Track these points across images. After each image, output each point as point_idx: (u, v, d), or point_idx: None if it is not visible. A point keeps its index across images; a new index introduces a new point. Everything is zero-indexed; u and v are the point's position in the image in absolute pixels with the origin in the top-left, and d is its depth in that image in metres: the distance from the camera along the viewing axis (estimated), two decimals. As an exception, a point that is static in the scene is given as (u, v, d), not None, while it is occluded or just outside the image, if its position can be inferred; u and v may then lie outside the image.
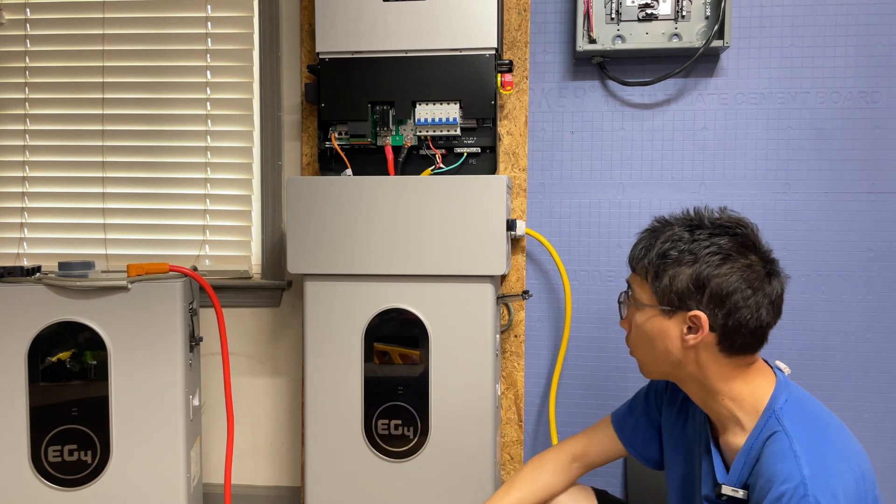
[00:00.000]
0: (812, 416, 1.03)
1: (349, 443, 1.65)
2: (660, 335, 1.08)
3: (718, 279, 1.02)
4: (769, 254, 1.08)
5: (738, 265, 1.03)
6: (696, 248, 1.04)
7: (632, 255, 1.13)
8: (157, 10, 1.97)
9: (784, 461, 0.96)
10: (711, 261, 1.03)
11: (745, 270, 1.03)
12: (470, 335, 1.60)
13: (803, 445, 0.97)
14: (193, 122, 1.99)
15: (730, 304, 1.02)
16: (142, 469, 1.63)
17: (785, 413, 1.02)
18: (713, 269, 1.03)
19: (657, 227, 1.12)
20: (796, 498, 0.93)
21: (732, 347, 1.05)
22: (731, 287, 1.02)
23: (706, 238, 1.05)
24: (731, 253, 1.04)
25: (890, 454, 1.80)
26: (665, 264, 1.06)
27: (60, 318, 1.60)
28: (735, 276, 1.02)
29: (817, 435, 1.00)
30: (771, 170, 1.80)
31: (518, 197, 1.86)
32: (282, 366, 2.02)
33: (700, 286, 1.03)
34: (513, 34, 1.84)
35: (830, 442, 0.99)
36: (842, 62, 1.78)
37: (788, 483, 0.94)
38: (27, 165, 2.04)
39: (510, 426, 1.90)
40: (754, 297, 1.03)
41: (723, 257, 1.03)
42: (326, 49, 1.69)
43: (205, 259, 2.01)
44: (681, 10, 1.74)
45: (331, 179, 1.61)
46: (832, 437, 1.00)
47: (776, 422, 1.01)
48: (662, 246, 1.07)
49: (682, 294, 1.05)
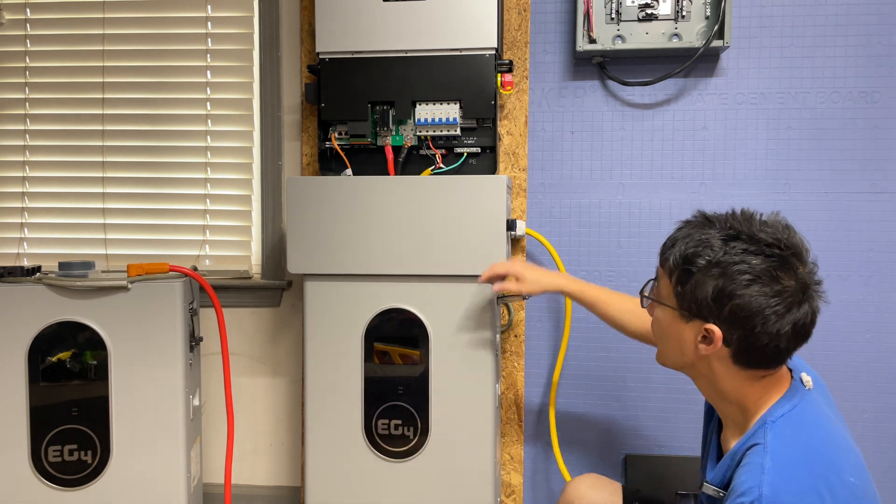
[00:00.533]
0: (803, 436, 0.98)
1: (349, 443, 1.65)
2: (675, 336, 1.06)
3: (741, 300, 0.96)
4: (809, 276, 0.99)
5: (767, 289, 0.96)
6: (726, 261, 0.97)
7: (662, 247, 1.08)
8: (157, 10, 1.97)
9: (750, 473, 0.94)
10: (739, 280, 0.96)
11: (773, 297, 0.96)
12: (470, 335, 1.60)
13: (774, 463, 0.94)
14: (193, 122, 1.99)
15: (748, 326, 0.96)
16: (142, 469, 1.63)
17: (775, 426, 0.98)
18: (739, 289, 0.96)
19: (695, 223, 1.05)
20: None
21: (748, 363, 1.01)
22: (752, 310, 0.96)
23: (739, 254, 0.97)
24: (761, 276, 0.96)
25: (890, 454, 1.80)
26: (690, 270, 1.00)
27: (60, 318, 1.60)
28: (760, 300, 0.95)
29: (797, 457, 0.95)
30: (771, 170, 1.80)
31: (518, 197, 1.86)
32: (282, 366, 2.02)
33: (721, 302, 0.97)
34: (513, 34, 1.84)
35: (807, 469, 0.93)
36: (842, 62, 1.78)
37: (746, 497, 0.92)
38: (27, 165, 2.04)
39: (510, 426, 1.90)
40: (777, 324, 0.96)
41: (751, 278, 0.96)
42: (326, 49, 1.69)
43: (205, 259, 2.01)
44: (681, 10, 1.74)
45: (331, 179, 1.61)
46: (813, 464, 0.94)
47: (763, 434, 0.98)
48: (693, 249, 1.01)
49: (701, 304, 0.99)
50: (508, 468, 1.90)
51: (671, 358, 1.11)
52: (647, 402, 1.86)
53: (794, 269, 0.97)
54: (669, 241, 1.06)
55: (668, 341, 1.08)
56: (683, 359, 1.07)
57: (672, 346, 1.08)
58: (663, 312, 1.08)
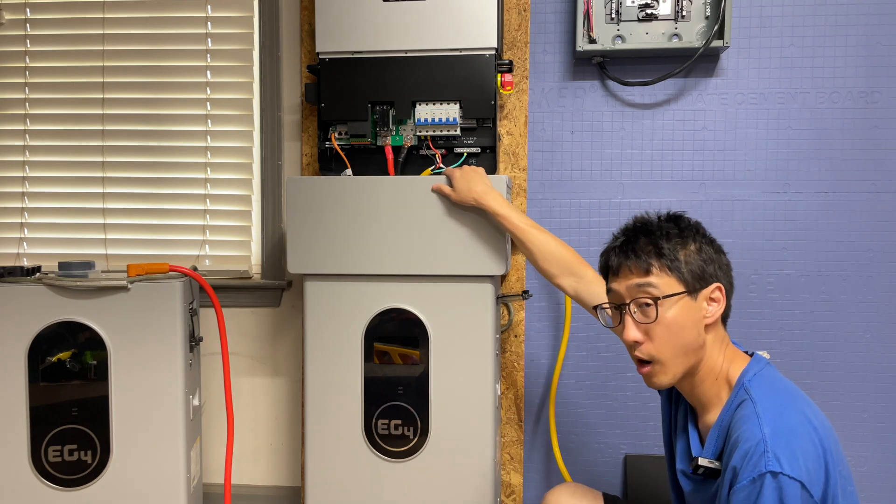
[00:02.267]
0: (778, 387, 1.08)
1: (349, 443, 1.65)
2: (690, 321, 1.08)
3: (710, 248, 1.11)
4: None
5: (717, 244, 1.14)
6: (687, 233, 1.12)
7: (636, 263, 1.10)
8: (157, 10, 1.97)
9: (748, 423, 1.01)
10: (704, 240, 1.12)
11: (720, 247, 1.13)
12: (470, 335, 1.60)
13: (765, 408, 1.01)
14: (193, 122, 1.99)
15: (728, 273, 1.12)
16: (142, 469, 1.63)
17: (752, 382, 1.07)
18: (704, 239, 1.12)
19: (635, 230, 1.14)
20: (756, 455, 0.96)
21: (725, 314, 1.12)
22: (725, 260, 1.13)
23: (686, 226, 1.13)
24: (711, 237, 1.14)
25: (890, 454, 1.80)
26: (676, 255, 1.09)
27: (60, 318, 1.60)
28: (722, 252, 1.13)
29: (781, 401, 1.04)
30: (771, 170, 1.80)
31: (518, 197, 1.86)
32: (282, 366, 2.02)
33: (711, 260, 1.10)
34: (513, 34, 1.84)
35: (794, 408, 1.03)
36: (842, 62, 1.78)
37: (750, 441, 0.98)
38: (27, 165, 2.04)
39: (510, 426, 1.90)
40: (726, 257, 1.13)
41: (709, 239, 1.13)
42: (326, 49, 1.69)
43: (205, 259, 2.01)
44: (681, 10, 1.74)
45: (331, 179, 1.61)
46: (797, 404, 1.04)
47: (744, 392, 1.06)
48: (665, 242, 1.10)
49: (702, 268, 1.09)
50: (508, 468, 1.90)
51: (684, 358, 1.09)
52: (647, 402, 1.86)
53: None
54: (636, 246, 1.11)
55: (684, 335, 1.08)
56: (698, 343, 1.09)
57: (688, 336, 1.08)
58: (670, 307, 1.07)
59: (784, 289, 1.81)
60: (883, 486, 1.81)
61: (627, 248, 1.11)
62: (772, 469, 0.94)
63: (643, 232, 1.12)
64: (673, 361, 1.09)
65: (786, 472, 0.94)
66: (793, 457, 0.95)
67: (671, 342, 1.08)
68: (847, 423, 1.80)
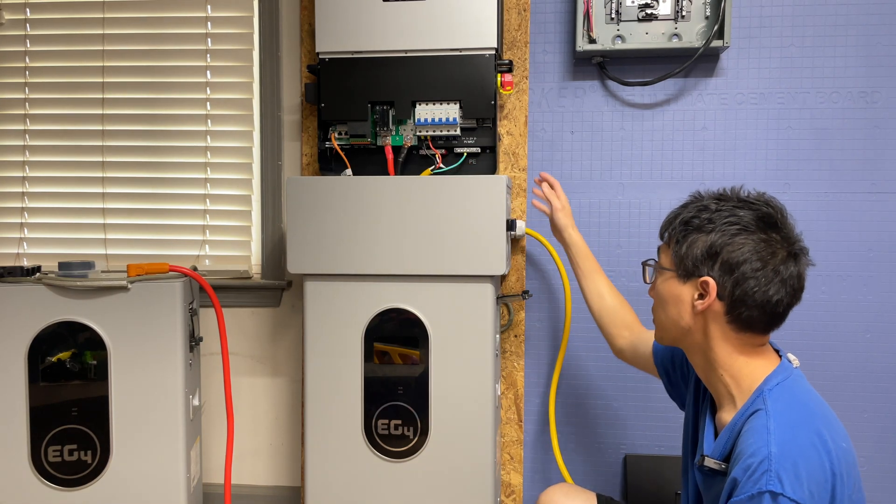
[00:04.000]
0: (799, 401, 1.05)
1: (349, 443, 1.65)
2: (673, 299, 1.13)
3: (731, 248, 1.05)
4: (793, 236, 1.09)
5: (754, 238, 1.06)
6: (717, 217, 1.08)
7: (662, 224, 1.18)
8: (157, 10, 1.97)
9: (756, 436, 0.99)
10: (728, 230, 1.06)
11: (759, 244, 1.05)
12: (470, 335, 1.60)
13: (778, 424, 0.99)
14: (193, 122, 1.99)
15: (738, 273, 1.05)
16: (142, 469, 1.63)
17: (772, 394, 1.04)
18: (727, 238, 1.06)
19: (689, 199, 1.17)
20: (759, 473, 0.95)
21: (740, 320, 1.07)
22: (741, 257, 1.05)
23: (728, 209, 1.09)
24: (748, 225, 1.06)
25: (890, 454, 1.80)
26: (687, 231, 1.11)
27: (60, 318, 1.60)
28: (747, 247, 1.05)
29: (796, 418, 1.01)
30: (771, 170, 1.80)
31: (518, 197, 1.86)
32: (282, 366, 2.02)
33: (713, 253, 1.07)
34: (513, 34, 1.84)
35: (808, 427, 1.00)
36: (842, 62, 1.78)
37: (755, 457, 0.97)
38: (27, 165, 2.04)
39: (510, 426, 1.90)
40: (763, 271, 1.04)
41: (739, 228, 1.06)
42: (326, 49, 1.69)
43: (205, 259, 2.01)
44: (681, 10, 1.74)
45: (331, 179, 1.61)
46: (813, 423, 1.01)
47: (762, 401, 1.04)
48: (688, 214, 1.12)
49: (696, 260, 1.09)
50: (508, 468, 1.90)
51: (669, 329, 1.17)
52: (647, 402, 1.86)
53: (779, 225, 1.08)
54: (670, 216, 1.16)
55: (668, 308, 1.15)
56: (681, 323, 1.13)
57: (671, 311, 1.14)
58: (663, 278, 1.16)
59: (784, 289, 1.80)
60: (883, 487, 1.81)
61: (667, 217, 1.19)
62: (772, 489, 0.93)
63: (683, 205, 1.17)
64: (661, 326, 1.19)
65: (787, 493, 0.93)
66: (797, 479, 0.94)
67: (658, 309, 1.18)
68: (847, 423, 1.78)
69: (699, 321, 1.11)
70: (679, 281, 1.12)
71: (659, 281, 1.17)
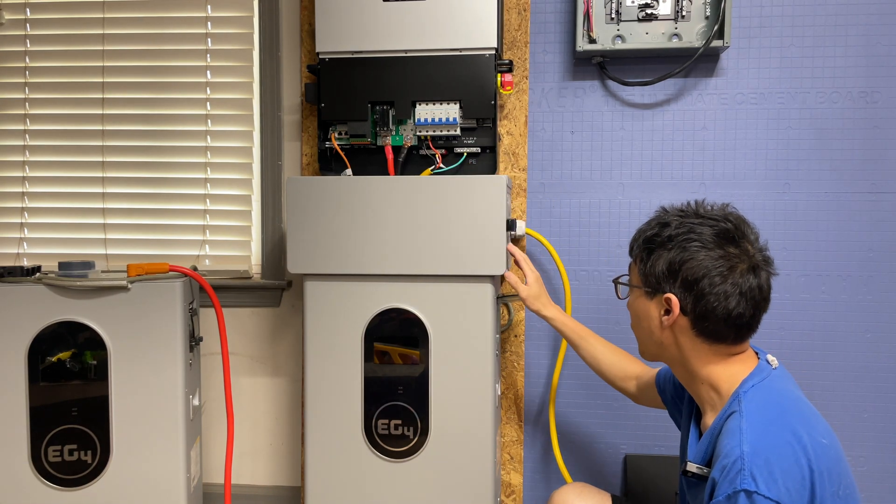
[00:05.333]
0: (773, 400, 1.05)
1: (349, 443, 1.65)
2: (644, 315, 1.17)
3: (690, 264, 1.08)
4: (755, 249, 1.11)
5: (712, 254, 1.08)
6: (677, 234, 1.11)
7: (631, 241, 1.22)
8: (157, 10, 1.97)
9: (731, 437, 1.00)
10: (688, 247, 1.09)
11: (718, 259, 1.07)
12: (470, 335, 1.60)
13: (750, 423, 1.01)
14: (193, 122, 1.99)
15: (697, 289, 1.08)
16: (142, 469, 1.63)
17: (746, 395, 1.06)
18: (687, 255, 1.09)
19: (655, 215, 1.20)
20: (733, 472, 0.96)
21: (707, 333, 1.10)
22: (699, 273, 1.07)
23: (688, 226, 1.11)
24: (707, 242, 1.09)
25: (890, 454, 1.80)
26: (650, 248, 1.14)
27: (60, 318, 1.60)
28: (707, 262, 1.07)
29: (769, 416, 1.02)
30: (771, 170, 1.80)
31: (518, 197, 1.86)
32: (282, 366, 2.02)
33: (674, 270, 1.10)
34: (513, 34, 1.84)
35: (781, 425, 1.01)
36: (842, 62, 1.78)
37: (729, 457, 0.98)
38: (27, 165, 2.04)
39: (510, 426, 1.90)
40: (722, 286, 1.07)
41: (699, 245, 1.09)
42: (326, 49, 1.69)
43: (205, 259, 2.01)
44: (681, 10, 1.74)
45: (331, 179, 1.61)
46: (786, 421, 1.02)
47: (737, 403, 1.05)
48: (650, 232, 1.15)
49: (659, 277, 1.12)
50: (508, 468, 1.90)
51: (646, 344, 1.20)
52: (647, 402, 1.86)
53: (738, 239, 1.10)
54: (636, 233, 1.20)
55: (641, 324, 1.19)
56: (653, 338, 1.17)
57: (644, 328, 1.18)
58: (633, 297, 1.20)
59: (784, 289, 1.81)
60: (883, 487, 1.81)
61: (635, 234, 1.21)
62: (746, 487, 0.94)
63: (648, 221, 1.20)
64: (639, 340, 1.22)
65: (761, 491, 0.93)
66: (770, 477, 0.94)
67: (634, 325, 1.22)
68: (847, 423, 1.80)
69: (668, 335, 1.14)
70: (646, 297, 1.15)
71: (631, 298, 1.21)
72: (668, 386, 1.39)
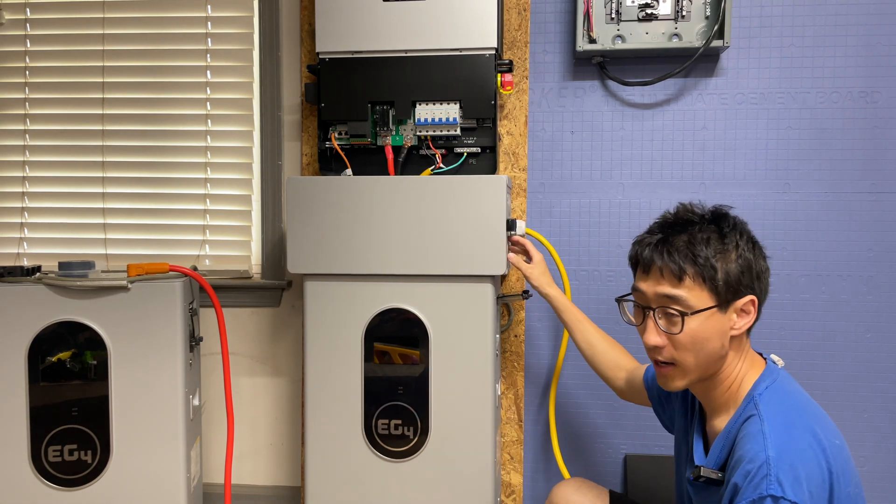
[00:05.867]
0: (790, 403, 1.06)
1: (349, 443, 1.65)
2: (716, 333, 1.07)
3: (753, 259, 1.08)
4: None
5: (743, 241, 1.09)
6: (729, 240, 1.08)
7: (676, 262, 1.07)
8: (157, 10, 1.97)
9: (753, 442, 1.00)
10: (746, 247, 1.09)
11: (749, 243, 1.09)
12: (470, 335, 1.60)
13: (772, 427, 1.00)
14: (193, 122, 1.99)
15: (763, 280, 1.10)
16: (142, 469, 1.63)
17: (763, 398, 1.05)
18: (748, 252, 1.08)
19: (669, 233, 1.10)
20: (759, 477, 0.96)
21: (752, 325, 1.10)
22: (761, 265, 1.10)
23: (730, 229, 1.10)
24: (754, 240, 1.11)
25: (890, 454, 1.80)
26: (713, 263, 1.06)
27: (60, 318, 1.60)
28: (763, 256, 1.11)
29: (790, 420, 1.02)
30: (771, 170, 1.80)
31: (518, 197, 1.86)
32: (282, 366, 2.02)
33: (748, 270, 1.08)
34: (513, 34, 1.84)
35: (802, 428, 1.01)
36: (842, 62, 1.78)
37: (754, 462, 0.97)
38: (27, 165, 2.04)
39: (510, 426, 1.90)
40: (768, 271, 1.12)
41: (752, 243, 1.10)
42: (326, 49, 1.69)
43: (205, 259, 2.01)
44: (681, 10, 1.74)
45: (331, 179, 1.61)
46: (806, 422, 1.02)
47: (753, 406, 1.05)
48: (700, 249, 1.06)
49: (737, 285, 1.07)
50: (508, 468, 1.90)
51: (706, 366, 1.09)
52: (647, 402, 1.86)
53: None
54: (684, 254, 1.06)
55: (709, 345, 1.07)
56: (720, 353, 1.09)
57: (713, 347, 1.07)
58: (698, 322, 1.06)
59: (784, 289, 1.81)
60: (883, 486, 1.81)
61: (663, 247, 1.08)
62: (773, 493, 0.94)
63: (683, 230, 1.09)
64: (693, 369, 1.09)
65: (788, 496, 0.93)
66: (796, 481, 0.94)
67: (693, 351, 1.07)
68: (847, 423, 1.80)
69: (734, 343, 1.10)
70: (720, 312, 1.06)
71: (695, 324, 1.06)
72: (655, 384, 1.38)
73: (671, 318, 1.07)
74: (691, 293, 1.06)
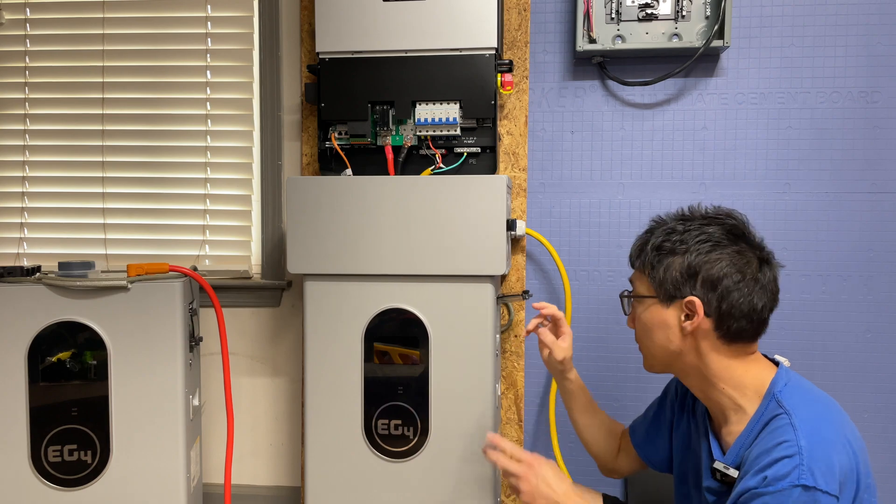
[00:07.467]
0: (811, 398, 1.07)
1: (349, 443, 1.65)
2: (659, 325, 1.14)
3: (709, 265, 1.08)
4: (760, 243, 1.13)
5: (728, 251, 1.09)
6: (688, 237, 1.11)
7: (631, 253, 1.21)
8: (157, 10, 1.97)
9: (784, 434, 1.00)
10: (701, 248, 1.09)
11: (734, 256, 1.08)
12: (470, 335, 1.60)
13: (802, 420, 1.00)
14: (193, 122, 1.99)
15: (721, 288, 1.07)
16: (142, 469, 1.63)
17: (784, 396, 1.06)
18: (703, 256, 1.09)
19: (653, 225, 1.19)
20: (791, 466, 0.96)
21: (730, 333, 1.09)
22: (721, 272, 1.08)
23: (696, 228, 1.11)
24: (720, 240, 1.09)
25: (890, 454, 1.80)
26: (660, 256, 1.13)
27: (60, 318, 1.60)
28: (724, 261, 1.08)
29: (816, 413, 1.03)
30: (771, 170, 1.80)
31: (518, 197, 1.86)
32: (282, 366, 2.01)
33: (693, 273, 1.09)
34: (513, 34, 1.84)
35: (830, 420, 1.02)
36: (842, 62, 1.78)
37: (786, 451, 0.97)
38: (27, 165, 2.04)
39: (510, 426, 1.90)
40: (744, 282, 1.08)
41: (712, 245, 1.09)
42: (326, 49, 1.69)
43: (205, 259, 2.01)
44: (681, 10, 1.74)
45: (331, 179, 1.61)
46: (832, 416, 1.03)
47: (777, 405, 1.05)
48: (657, 240, 1.14)
49: (676, 282, 1.10)
50: (508, 468, 1.90)
51: (658, 355, 1.17)
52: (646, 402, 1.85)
53: (745, 234, 1.12)
54: (635, 245, 1.19)
55: (654, 334, 1.15)
56: (670, 347, 1.13)
57: (658, 337, 1.14)
58: (644, 308, 1.16)
59: (784, 289, 1.79)
60: (883, 486, 1.81)
61: (635, 245, 1.20)
62: (805, 482, 0.94)
63: (648, 231, 1.19)
64: (649, 354, 1.19)
65: (820, 486, 0.94)
66: (829, 471, 0.95)
67: (644, 338, 1.18)
68: (847, 423, 1.80)
69: (689, 341, 1.12)
70: (662, 306, 1.13)
71: (640, 310, 1.17)
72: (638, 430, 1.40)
73: (625, 301, 1.22)
74: (639, 281, 1.18)
